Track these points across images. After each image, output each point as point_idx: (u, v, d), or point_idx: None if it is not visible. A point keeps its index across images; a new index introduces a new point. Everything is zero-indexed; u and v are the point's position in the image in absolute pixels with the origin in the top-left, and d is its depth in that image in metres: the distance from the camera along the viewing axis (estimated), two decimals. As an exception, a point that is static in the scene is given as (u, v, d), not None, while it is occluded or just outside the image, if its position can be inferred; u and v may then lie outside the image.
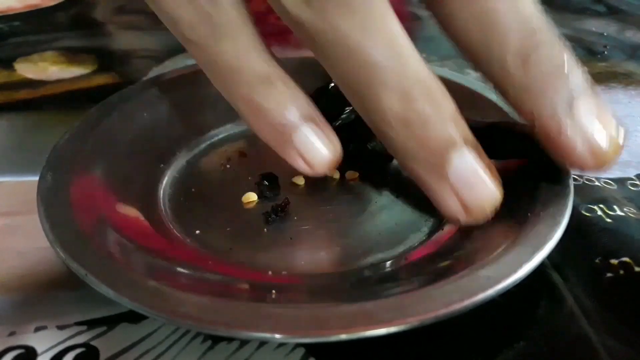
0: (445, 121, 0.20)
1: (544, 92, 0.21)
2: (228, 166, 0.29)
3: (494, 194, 0.21)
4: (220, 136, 0.31)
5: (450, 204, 0.21)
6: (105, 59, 0.43)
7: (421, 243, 0.24)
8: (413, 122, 0.20)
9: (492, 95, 0.30)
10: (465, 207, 0.21)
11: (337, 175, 0.28)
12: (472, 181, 0.20)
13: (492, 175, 0.21)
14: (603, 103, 0.21)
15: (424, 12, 0.51)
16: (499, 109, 0.29)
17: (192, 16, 0.21)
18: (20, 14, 0.50)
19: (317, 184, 0.28)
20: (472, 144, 0.21)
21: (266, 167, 0.27)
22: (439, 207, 0.21)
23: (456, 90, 0.30)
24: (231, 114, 0.24)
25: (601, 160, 0.21)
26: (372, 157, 0.28)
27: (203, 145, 0.30)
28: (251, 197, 0.26)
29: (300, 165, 0.23)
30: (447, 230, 0.24)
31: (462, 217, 0.21)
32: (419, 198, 0.26)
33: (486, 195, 0.21)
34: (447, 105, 0.20)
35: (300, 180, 0.28)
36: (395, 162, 0.29)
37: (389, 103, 0.20)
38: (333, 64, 0.21)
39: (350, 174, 0.28)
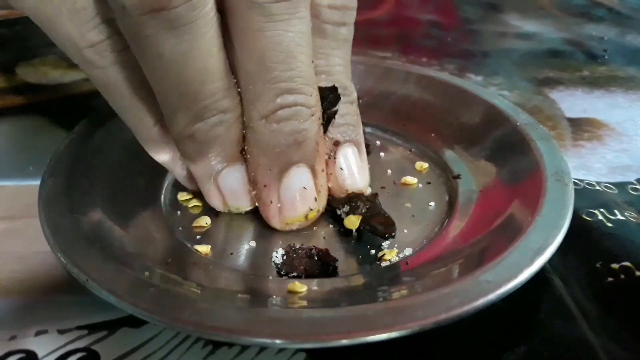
0: (226, 142, 0.23)
1: (269, 151, 0.23)
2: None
3: (246, 204, 0.25)
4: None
5: (214, 200, 0.25)
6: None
7: (422, 248, 0.24)
8: (197, 139, 0.23)
9: (493, 99, 0.30)
10: (224, 204, 0.25)
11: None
12: (234, 190, 0.25)
13: (249, 193, 0.25)
14: (321, 177, 0.24)
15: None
16: (499, 112, 0.29)
17: None
18: (22, 18, 0.50)
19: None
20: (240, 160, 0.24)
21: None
22: (205, 197, 0.25)
23: (456, 93, 0.31)
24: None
25: (283, 225, 0.24)
26: None
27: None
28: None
29: None
30: (448, 235, 0.24)
31: (220, 209, 0.26)
32: (418, 204, 0.27)
33: (240, 203, 0.25)
34: (235, 129, 0.23)
35: None
36: (391, 172, 0.29)
37: (180, 120, 0.22)
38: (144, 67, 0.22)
39: None
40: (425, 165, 0.29)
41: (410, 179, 0.28)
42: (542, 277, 0.23)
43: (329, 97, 0.24)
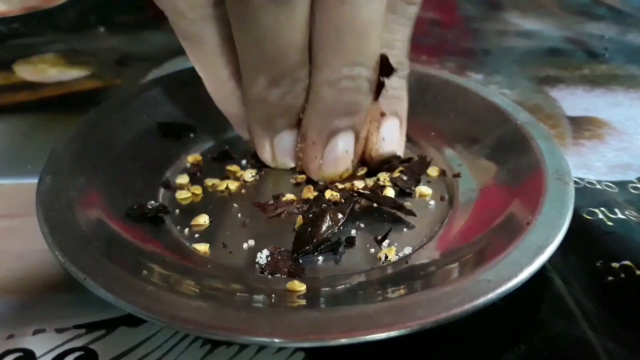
0: (292, 109, 0.25)
1: (325, 114, 0.25)
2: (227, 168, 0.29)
3: (291, 163, 0.28)
4: (219, 139, 0.31)
5: (265, 155, 0.27)
6: (105, 62, 0.43)
7: (421, 247, 0.24)
8: (268, 103, 0.25)
9: (493, 97, 0.30)
10: (274, 159, 0.27)
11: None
12: (286, 151, 0.27)
13: (296, 154, 0.27)
14: (361, 144, 0.27)
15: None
16: (499, 110, 0.29)
17: None
18: (19, 16, 0.50)
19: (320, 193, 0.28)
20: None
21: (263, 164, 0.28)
22: (256, 148, 0.27)
23: (456, 91, 0.31)
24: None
25: (320, 178, 0.27)
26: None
27: (202, 147, 0.30)
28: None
29: None
30: (447, 234, 0.24)
31: (267, 163, 0.28)
32: (418, 203, 0.27)
33: (286, 161, 0.28)
34: (301, 98, 0.25)
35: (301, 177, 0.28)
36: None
37: (258, 84, 0.24)
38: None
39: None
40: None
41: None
42: (542, 276, 0.23)
43: (385, 69, 0.25)
